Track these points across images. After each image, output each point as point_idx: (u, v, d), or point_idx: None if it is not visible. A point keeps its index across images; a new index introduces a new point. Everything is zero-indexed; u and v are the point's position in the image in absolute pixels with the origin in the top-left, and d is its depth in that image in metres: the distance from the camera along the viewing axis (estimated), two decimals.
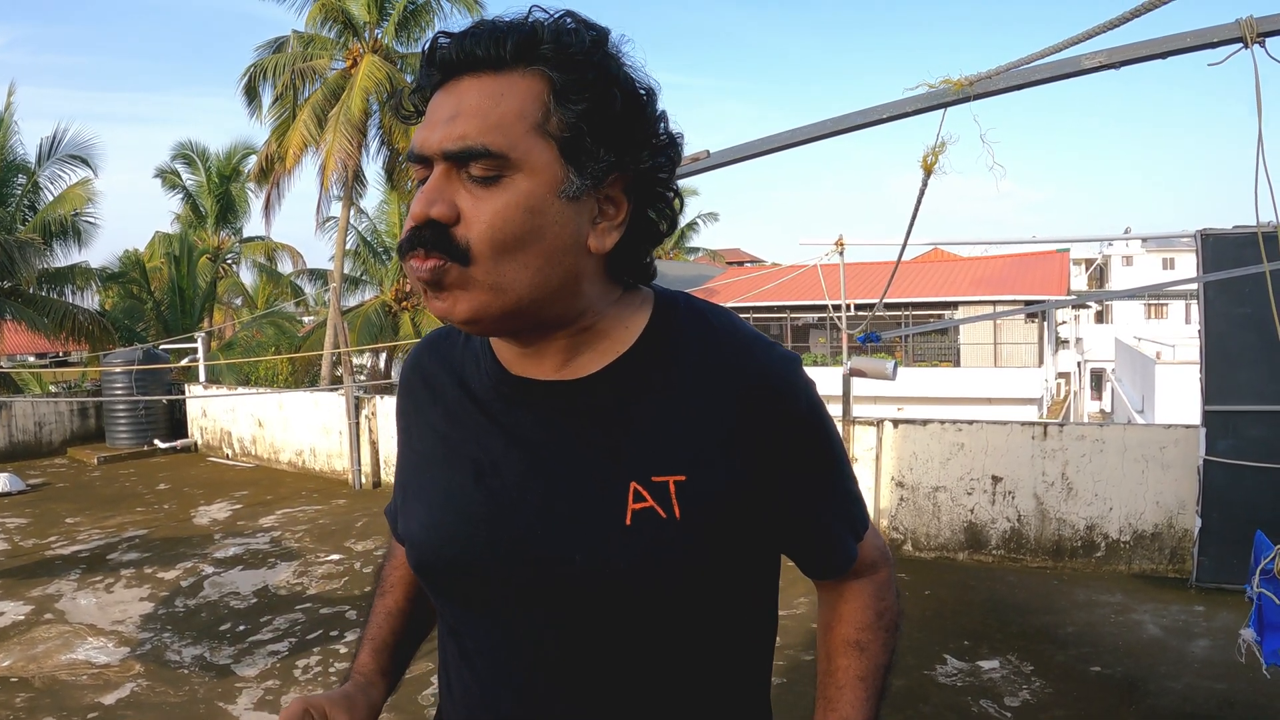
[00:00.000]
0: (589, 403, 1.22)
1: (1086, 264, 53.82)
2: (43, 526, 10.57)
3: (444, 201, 1.10)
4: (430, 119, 1.13)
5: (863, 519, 1.39)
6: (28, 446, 15.87)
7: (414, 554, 1.32)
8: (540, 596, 1.19)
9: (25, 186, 22.03)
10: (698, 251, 54.04)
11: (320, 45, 22.12)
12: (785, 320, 33.61)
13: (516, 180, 1.10)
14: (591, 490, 1.19)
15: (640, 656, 1.21)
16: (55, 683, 6.01)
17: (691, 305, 1.30)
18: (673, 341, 1.25)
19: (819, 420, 1.29)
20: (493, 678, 1.26)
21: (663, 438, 1.19)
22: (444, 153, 1.10)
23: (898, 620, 1.42)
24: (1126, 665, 6.03)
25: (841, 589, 1.40)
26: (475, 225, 1.09)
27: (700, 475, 1.18)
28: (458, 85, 1.13)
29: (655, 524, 1.16)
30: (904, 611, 1.46)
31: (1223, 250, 7.25)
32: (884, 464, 8.81)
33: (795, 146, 2.70)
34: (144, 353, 16.33)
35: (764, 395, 1.22)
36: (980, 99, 2.37)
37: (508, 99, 1.10)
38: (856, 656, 1.36)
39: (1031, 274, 30.64)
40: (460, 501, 1.26)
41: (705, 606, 1.22)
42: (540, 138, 1.10)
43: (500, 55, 1.11)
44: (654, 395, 1.21)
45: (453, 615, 1.32)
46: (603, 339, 1.24)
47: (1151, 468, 7.87)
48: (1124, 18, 2.14)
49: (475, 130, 1.09)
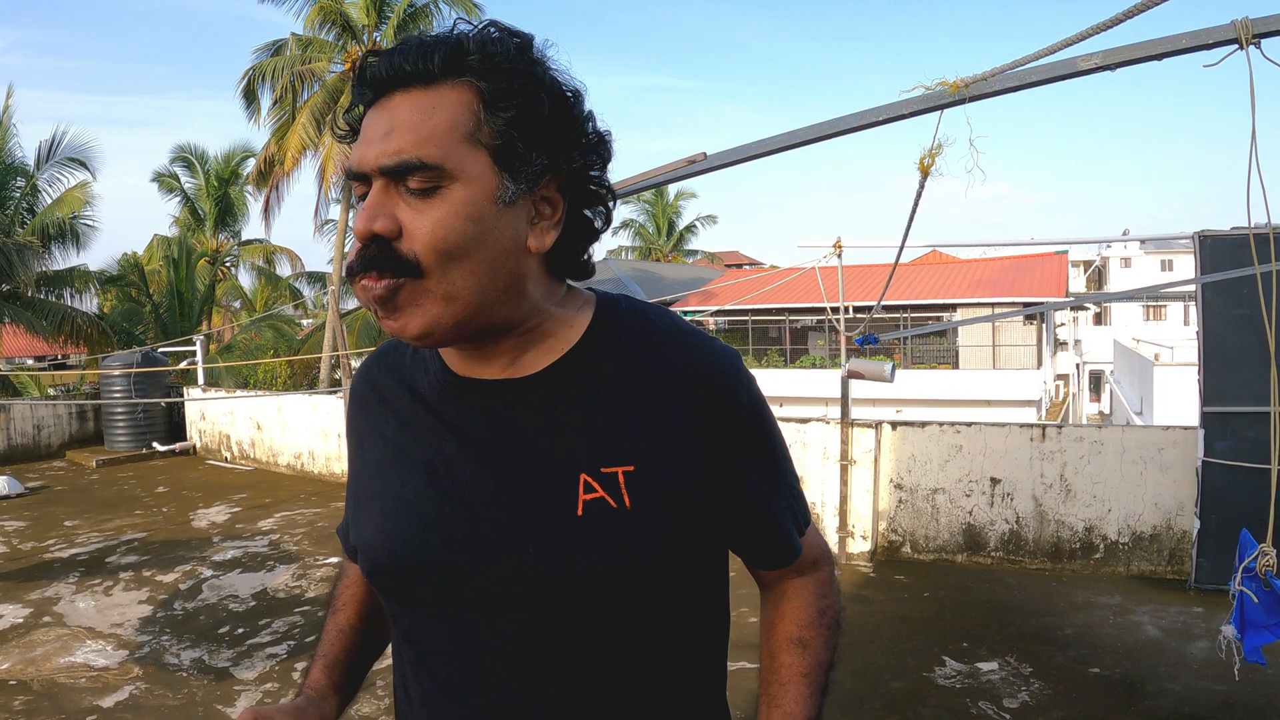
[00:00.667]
0: (536, 399, 1.25)
1: (1085, 266, 53.85)
2: (41, 529, 10.57)
3: (385, 216, 1.12)
4: (365, 136, 1.16)
5: (805, 513, 1.42)
6: (26, 449, 15.86)
7: (366, 560, 1.33)
8: (496, 592, 1.21)
9: (24, 189, 22.05)
10: (696, 254, 54.11)
11: (319, 48, 22.13)
12: (784, 323, 33.62)
13: (454, 190, 1.12)
14: (542, 484, 1.21)
15: (599, 648, 1.23)
16: (54, 685, 6.01)
17: (632, 305, 1.34)
18: (616, 339, 1.28)
19: (760, 413, 1.33)
20: (452, 678, 1.27)
21: (610, 430, 1.22)
22: (381, 168, 1.13)
23: (839, 618, 1.45)
24: (1125, 667, 6.03)
25: (784, 587, 1.43)
26: (418, 237, 1.12)
27: (648, 466, 1.21)
28: (389, 102, 1.15)
29: (606, 513, 1.19)
30: (844, 609, 1.49)
31: (1221, 252, 7.26)
32: (882, 466, 8.81)
33: (793, 149, 2.70)
34: (143, 355, 16.32)
35: (706, 389, 1.25)
36: (976, 101, 2.38)
37: (439, 111, 1.13)
38: (799, 653, 1.38)
39: (1030, 276, 30.66)
40: (414, 503, 1.27)
41: (659, 596, 1.25)
42: (473, 147, 1.14)
43: (429, 69, 1.14)
44: (600, 390, 1.24)
45: (409, 620, 1.32)
46: (548, 338, 1.27)
47: (1150, 469, 7.87)
48: (1118, 19, 2.14)
49: (410, 144, 1.11)
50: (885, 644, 6.50)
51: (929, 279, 32.42)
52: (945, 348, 31.85)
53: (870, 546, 8.80)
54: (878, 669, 6.05)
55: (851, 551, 8.82)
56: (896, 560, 8.68)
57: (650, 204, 50.89)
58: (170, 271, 25.60)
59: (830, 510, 8.93)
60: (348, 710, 1.50)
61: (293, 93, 21.92)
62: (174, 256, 25.69)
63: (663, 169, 2.85)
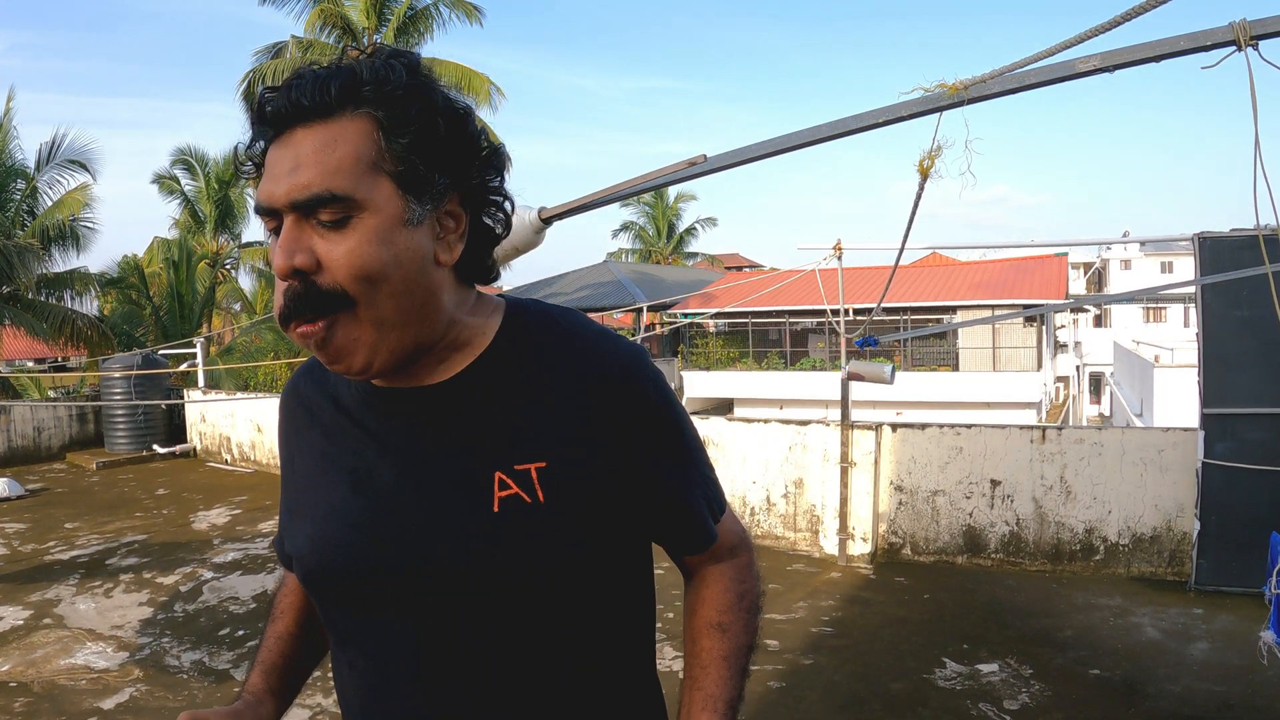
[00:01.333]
0: (450, 403, 1.29)
1: (1085, 268, 53.87)
2: (41, 531, 10.57)
3: (303, 251, 1.15)
4: (271, 172, 1.18)
5: (719, 500, 1.46)
6: (26, 451, 15.87)
7: (301, 567, 1.37)
8: (422, 590, 1.25)
9: (24, 191, 22.04)
10: (696, 256, 54.10)
11: (319, 51, 22.11)
12: (784, 325, 33.59)
13: (364, 219, 1.16)
14: (459, 483, 1.25)
15: (525, 640, 1.27)
16: (54, 687, 6.01)
17: (540, 307, 1.39)
18: (524, 341, 1.33)
19: (668, 406, 1.37)
20: (384, 678, 1.31)
21: (522, 429, 1.26)
22: (292, 203, 1.15)
23: (759, 602, 1.49)
24: (1126, 668, 6.04)
25: (704, 573, 1.47)
26: (337, 267, 1.15)
27: (560, 461, 1.25)
28: (291, 137, 1.18)
29: (522, 509, 1.23)
30: (764, 593, 1.52)
31: (1221, 253, 7.27)
32: (882, 468, 8.82)
33: (792, 150, 2.70)
34: (143, 358, 16.34)
35: (613, 384, 1.29)
36: (975, 103, 2.39)
37: (341, 144, 1.16)
38: (719, 637, 1.41)
39: (1030, 278, 30.63)
40: (341, 510, 1.31)
41: (580, 585, 1.29)
42: (378, 175, 1.17)
43: (327, 102, 1.17)
44: (510, 391, 1.29)
45: (343, 624, 1.36)
46: (464, 346, 1.31)
47: (1150, 471, 7.88)
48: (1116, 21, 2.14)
49: (318, 178, 1.14)
50: (885, 646, 6.50)
51: (929, 281, 32.40)
52: (945, 350, 31.82)
53: (870, 548, 8.80)
54: (878, 671, 6.06)
55: (852, 553, 8.83)
56: (896, 562, 8.68)
57: (650, 206, 50.91)
58: (170, 274, 25.62)
59: (830, 512, 8.94)
60: (283, 715, 1.53)
61: None
62: (174, 259, 25.72)
63: (663, 171, 2.85)
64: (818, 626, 6.90)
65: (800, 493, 9.15)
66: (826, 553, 8.99)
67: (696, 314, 30.05)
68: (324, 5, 21.56)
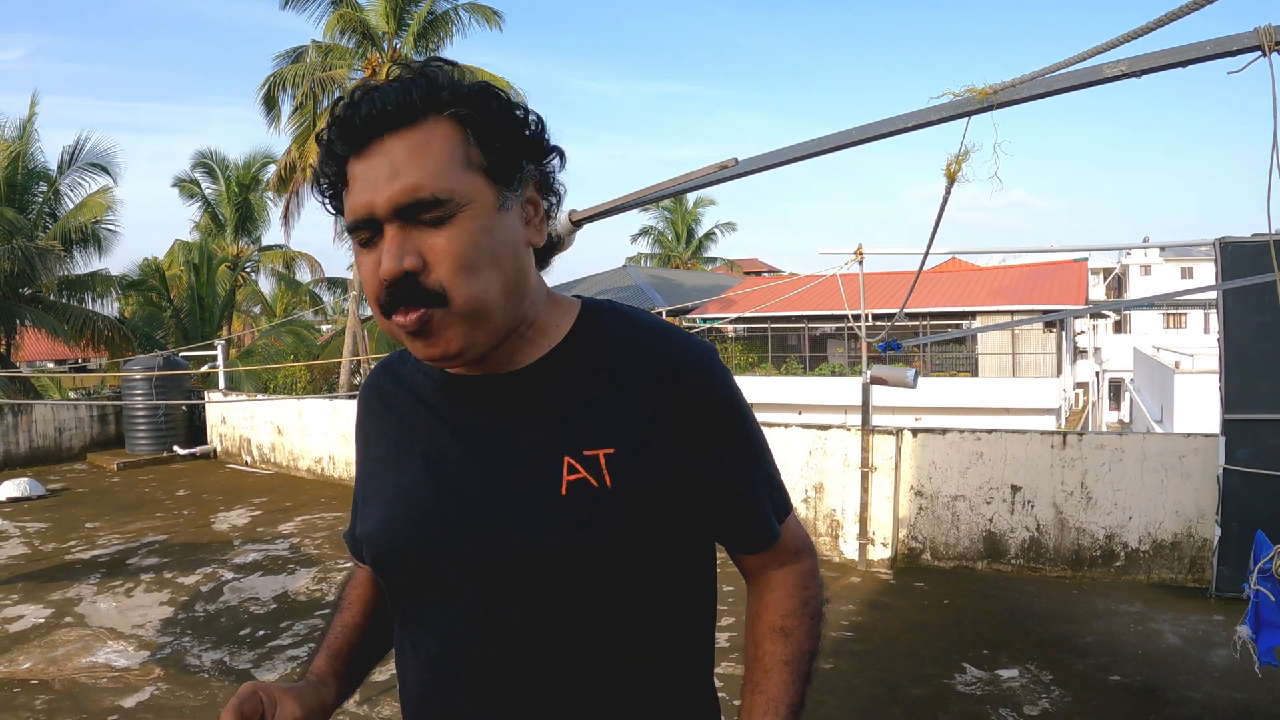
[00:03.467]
0: (524, 390, 1.33)
1: (1104, 273, 53.67)
2: (62, 531, 10.64)
3: (410, 253, 1.19)
4: (365, 184, 1.21)
5: (784, 501, 1.48)
6: (48, 452, 15.98)
7: (371, 548, 1.40)
8: (489, 571, 1.28)
9: (46, 194, 22.16)
10: (715, 261, 54.03)
11: (339, 55, 22.17)
12: (803, 330, 33.56)
13: (464, 214, 1.21)
14: (528, 467, 1.29)
15: (587, 624, 1.29)
16: (75, 685, 6.05)
17: (614, 306, 1.43)
18: (599, 334, 1.37)
19: (735, 403, 1.39)
20: (446, 658, 1.33)
21: (593, 416, 1.30)
22: (396, 209, 1.19)
23: (822, 609, 1.49)
24: (1146, 674, 6.01)
25: (767, 577, 1.48)
26: (442, 266, 1.20)
27: (628, 449, 1.29)
28: (379, 147, 1.21)
29: (588, 492, 1.26)
30: (828, 600, 1.53)
31: (1242, 258, 7.24)
32: (903, 473, 8.80)
33: (823, 154, 2.71)
34: (163, 360, 16.41)
35: (683, 378, 1.33)
36: (1004, 107, 2.39)
37: (434, 146, 1.21)
38: (782, 642, 1.42)
39: (1049, 283, 30.52)
40: (412, 492, 1.36)
41: (640, 572, 1.31)
42: (470, 171, 1.22)
43: (412, 110, 1.21)
44: (583, 380, 1.33)
45: (409, 603, 1.38)
46: (540, 335, 1.36)
47: (1171, 477, 7.84)
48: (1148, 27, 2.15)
49: (420, 182, 1.18)
50: (905, 651, 6.49)
51: (948, 287, 32.31)
52: (964, 355, 31.74)
53: (890, 553, 8.79)
54: (898, 675, 6.05)
55: (872, 558, 8.82)
56: (916, 567, 8.67)
57: (669, 211, 50.87)
58: (191, 276, 25.71)
59: (851, 517, 8.93)
60: (344, 700, 1.54)
61: (313, 99, 21.94)
62: (195, 262, 25.81)
63: (694, 174, 2.85)
64: (838, 631, 6.90)
65: (820, 497, 9.14)
66: (846, 557, 8.98)
67: (715, 319, 30.06)
68: (343, 10, 21.59)
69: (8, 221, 20.21)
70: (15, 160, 21.46)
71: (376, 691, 5.82)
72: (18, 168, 21.58)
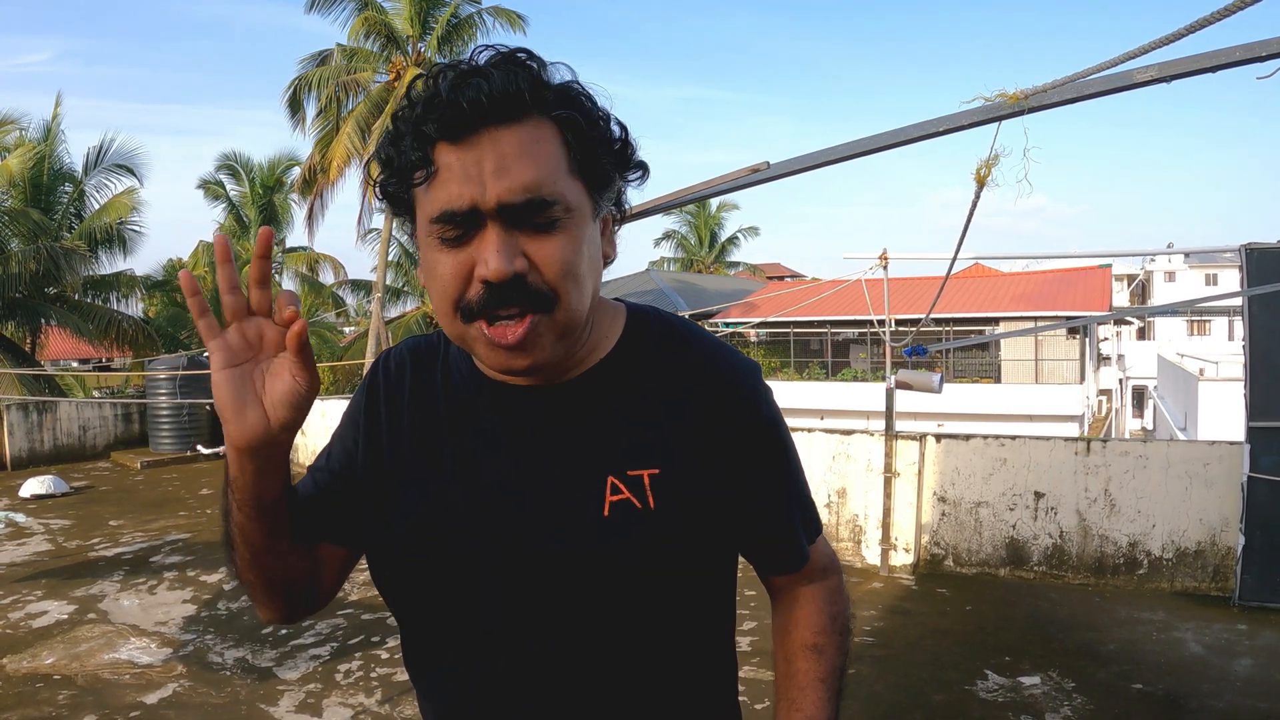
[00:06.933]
0: (571, 404, 1.29)
1: (1128, 280, 53.40)
2: (86, 528, 10.70)
3: (518, 255, 1.13)
4: (464, 174, 1.12)
5: (815, 521, 1.46)
6: (71, 450, 16.08)
7: (395, 557, 1.31)
8: (525, 591, 1.23)
9: (72, 195, 22.37)
10: (738, 266, 53.93)
11: (364, 58, 22.27)
12: (825, 335, 33.52)
13: (569, 221, 1.16)
14: (570, 485, 1.25)
15: (620, 643, 1.26)
16: (98, 681, 6.08)
17: (661, 316, 1.40)
18: (646, 348, 1.33)
19: (777, 424, 1.37)
20: (477, 675, 1.28)
21: (638, 435, 1.27)
22: (503, 205, 1.12)
23: (849, 625, 1.48)
24: (1168, 683, 5.97)
25: (796, 594, 1.46)
26: (549, 270, 1.14)
27: (673, 468, 1.25)
28: (486, 136, 1.12)
29: (631, 514, 1.22)
30: (854, 616, 1.53)
31: (1268, 264, 7.20)
32: (926, 479, 8.78)
33: (855, 158, 2.72)
34: (188, 359, 16.50)
35: (728, 396, 1.30)
36: (1034, 112, 2.39)
37: (545, 147, 1.14)
38: (815, 659, 1.41)
39: (1073, 290, 30.42)
40: (442, 504, 1.29)
41: (680, 593, 1.28)
42: (574, 177, 1.17)
43: (521, 106, 1.13)
44: (629, 396, 1.29)
45: (438, 623, 1.31)
46: (590, 345, 1.31)
47: (1195, 484, 7.80)
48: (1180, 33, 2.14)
49: (534, 182, 1.12)
50: (926, 657, 6.47)
51: (971, 292, 32.23)
52: (987, 361, 31.65)
53: (913, 559, 8.76)
54: (919, 681, 6.03)
55: (894, 564, 8.79)
56: (939, 573, 8.64)
57: (692, 215, 50.77)
58: (215, 277, 25.83)
59: (873, 522, 8.91)
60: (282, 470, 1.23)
61: (337, 103, 22.06)
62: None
63: (727, 177, 2.86)
64: (859, 636, 6.88)
65: (843, 502, 9.12)
66: (868, 563, 8.96)
67: (738, 323, 30.05)
68: (368, 14, 21.69)
69: (33, 222, 20.38)
70: (41, 161, 21.67)
71: (398, 691, 5.84)
72: (43, 169, 21.79)
